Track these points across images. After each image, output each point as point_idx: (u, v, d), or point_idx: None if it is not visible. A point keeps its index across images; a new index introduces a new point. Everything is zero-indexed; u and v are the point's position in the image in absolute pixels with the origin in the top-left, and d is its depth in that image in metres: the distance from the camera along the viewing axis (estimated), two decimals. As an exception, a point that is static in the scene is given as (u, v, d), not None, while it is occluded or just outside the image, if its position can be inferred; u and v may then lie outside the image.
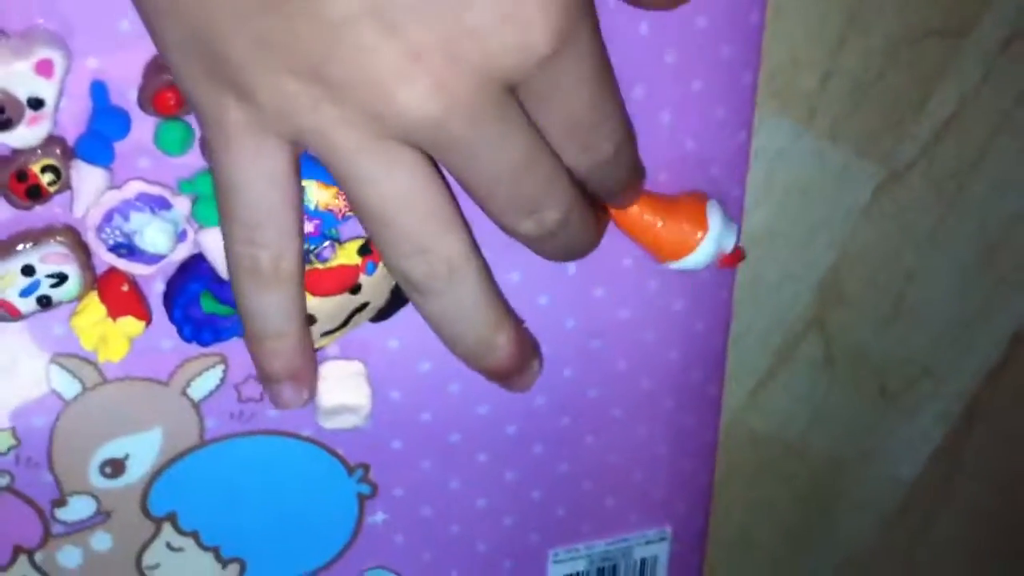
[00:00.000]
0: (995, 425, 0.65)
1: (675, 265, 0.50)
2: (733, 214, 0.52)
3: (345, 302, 0.45)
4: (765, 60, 0.51)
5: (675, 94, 0.49)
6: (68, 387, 0.46)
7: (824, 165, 0.54)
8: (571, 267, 0.51)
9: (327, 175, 0.42)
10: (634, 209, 0.48)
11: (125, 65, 0.41)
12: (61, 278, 0.42)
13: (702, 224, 0.49)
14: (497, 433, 0.54)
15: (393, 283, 0.46)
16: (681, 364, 0.55)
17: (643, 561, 0.59)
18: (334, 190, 0.43)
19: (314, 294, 0.44)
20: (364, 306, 0.46)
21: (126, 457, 0.48)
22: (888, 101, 0.54)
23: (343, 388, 0.48)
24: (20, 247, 0.42)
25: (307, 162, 0.41)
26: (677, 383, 0.55)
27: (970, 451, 0.66)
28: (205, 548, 0.51)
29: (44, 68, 0.39)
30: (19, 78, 0.39)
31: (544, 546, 0.58)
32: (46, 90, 0.39)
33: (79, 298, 0.43)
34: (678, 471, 0.58)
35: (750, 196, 0.53)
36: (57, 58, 0.39)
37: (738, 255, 0.51)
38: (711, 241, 0.49)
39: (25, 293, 0.42)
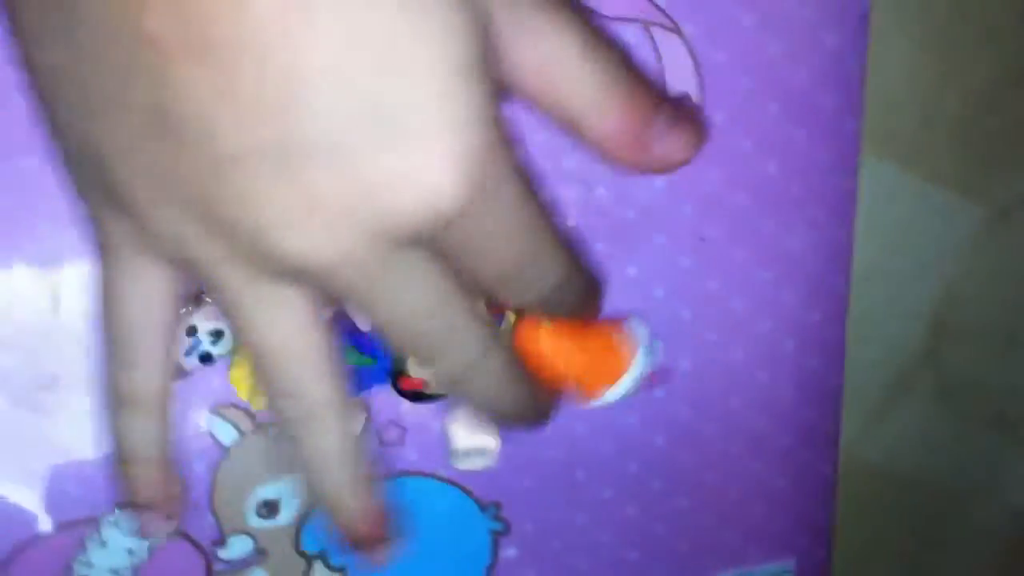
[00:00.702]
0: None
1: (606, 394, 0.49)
2: (840, 256, 0.55)
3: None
4: (867, 105, 0.53)
5: (780, 142, 0.52)
6: (226, 435, 0.50)
7: (928, 205, 0.56)
8: (686, 312, 0.53)
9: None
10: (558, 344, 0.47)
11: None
12: (218, 334, 0.46)
13: (625, 355, 0.49)
14: (620, 470, 0.56)
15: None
16: (796, 401, 0.57)
17: (768, 593, 0.61)
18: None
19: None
20: (493, 353, 0.49)
21: (279, 499, 0.52)
22: (989, 142, 0.56)
23: (473, 432, 0.51)
24: (184, 310, 0.46)
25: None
26: (793, 420, 0.57)
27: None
28: (353, 583, 0.55)
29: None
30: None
31: (669, 579, 0.60)
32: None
33: (234, 352, 0.47)
34: (799, 506, 0.60)
35: (857, 236, 0.55)
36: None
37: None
38: (636, 368, 0.49)
39: (190, 352, 0.46)
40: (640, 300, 0.53)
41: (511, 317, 0.48)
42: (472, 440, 0.52)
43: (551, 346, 0.46)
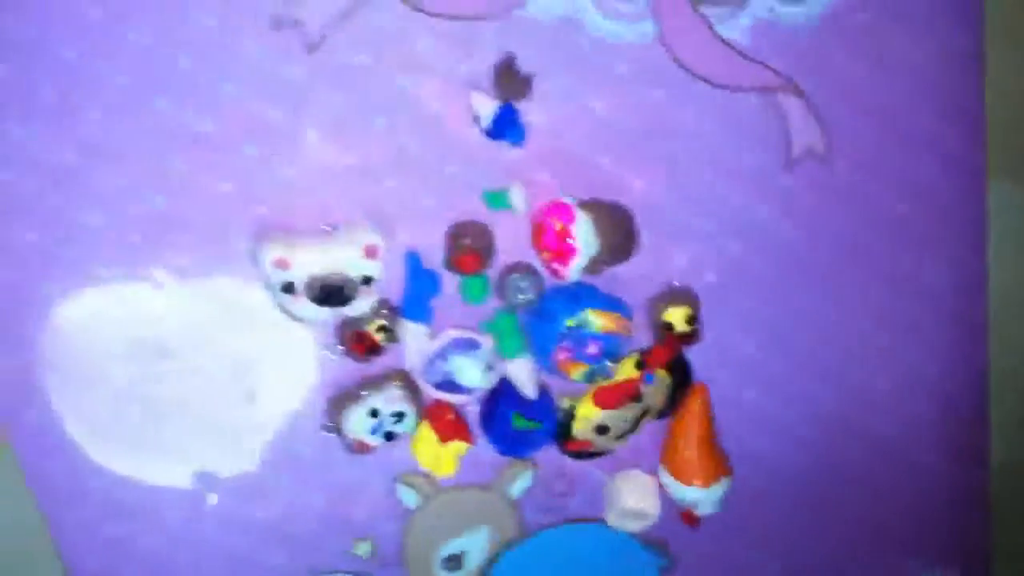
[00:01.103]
0: None
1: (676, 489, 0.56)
2: (976, 284, 0.57)
3: (631, 410, 0.52)
4: (995, 136, 0.55)
5: (908, 183, 0.54)
6: (411, 499, 0.55)
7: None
8: (830, 352, 0.56)
9: (603, 302, 0.50)
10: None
11: (430, 235, 0.50)
12: (400, 415, 0.51)
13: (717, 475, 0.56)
14: (774, 501, 0.59)
15: (669, 385, 0.53)
16: (941, 422, 0.59)
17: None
18: (612, 315, 0.50)
19: (603, 408, 0.52)
20: (647, 411, 0.53)
21: (463, 553, 0.56)
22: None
23: (639, 496, 0.55)
24: (365, 393, 0.51)
25: (585, 290, 0.49)
26: (942, 441, 0.60)
27: None
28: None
29: (371, 252, 0.48)
30: (352, 262, 0.48)
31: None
32: (374, 269, 0.48)
33: (413, 425, 0.52)
34: (954, 521, 0.62)
35: (991, 265, 0.57)
36: (379, 241, 0.48)
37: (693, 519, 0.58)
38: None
39: (373, 431, 0.51)
40: (787, 345, 0.56)
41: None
42: (636, 503, 0.56)
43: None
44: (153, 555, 0.53)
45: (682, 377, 0.54)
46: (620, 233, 0.50)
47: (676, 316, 0.52)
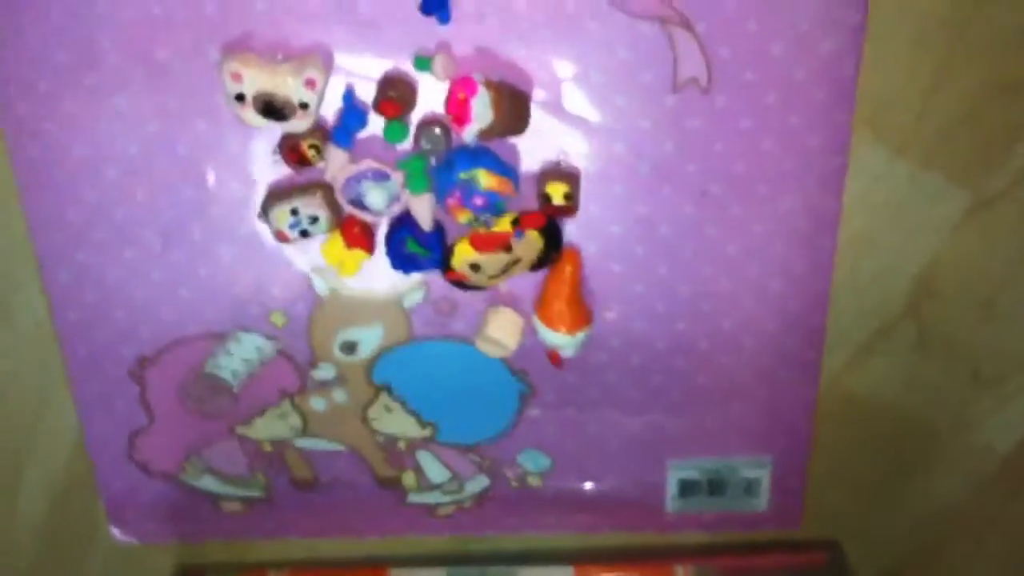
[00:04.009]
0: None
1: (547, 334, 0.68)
2: (828, 219, 0.66)
3: (502, 258, 0.64)
4: (865, 98, 0.64)
5: (776, 126, 0.64)
6: (322, 288, 0.68)
7: (917, 188, 0.67)
8: (687, 250, 0.67)
9: (496, 166, 0.61)
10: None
11: (366, 81, 0.62)
12: (316, 219, 0.64)
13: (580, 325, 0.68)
14: (628, 364, 0.71)
15: (541, 249, 0.65)
16: (777, 330, 0.70)
17: (749, 480, 0.75)
18: (500, 178, 0.62)
19: (476, 249, 0.64)
20: (517, 261, 0.65)
21: (358, 341, 0.70)
22: (978, 139, 0.65)
23: (499, 327, 0.68)
24: (291, 194, 0.64)
25: (479, 152, 0.60)
26: (774, 346, 0.70)
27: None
28: (409, 412, 0.73)
29: (310, 83, 0.60)
30: (293, 88, 0.60)
31: (664, 455, 0.75)
32: (310, 98, 0.60)
33: (327, 233, 0.65)
34: (780, 415, 0.73)
35: (847, 208, 0.67)
36: (319, 77, 0.60)
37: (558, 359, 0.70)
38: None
39: (292, 227, 0.64)
40: (648, 240, 0.67)
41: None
42: (500, 335, 0.68)
43: None
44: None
45: (555, 243, 0.66)
46: (514, 114, 0.61)
47: (555, 190, 0.64)
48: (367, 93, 0.62)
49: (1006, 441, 0.76)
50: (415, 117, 0.63)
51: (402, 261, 0.66)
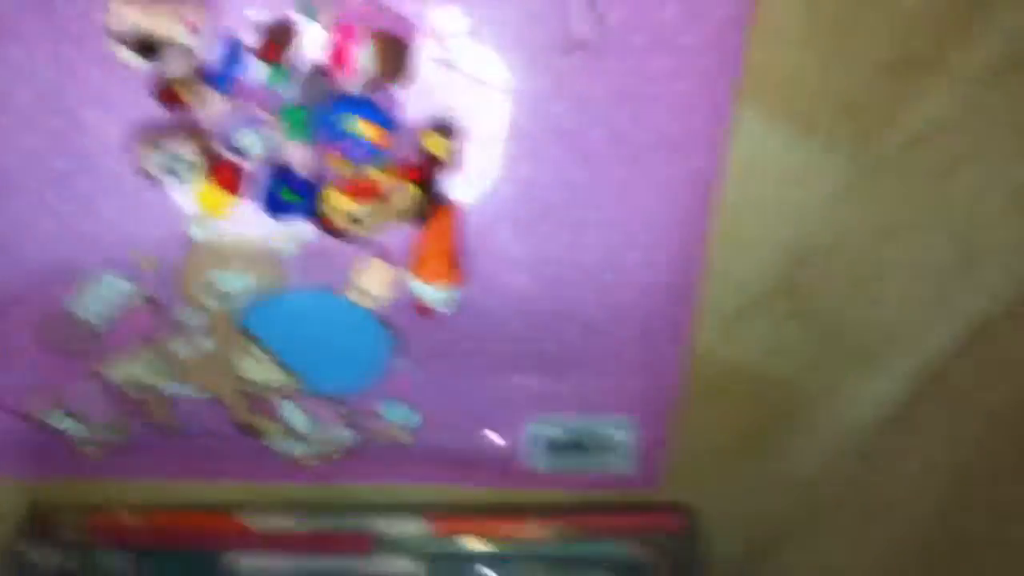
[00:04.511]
0: (951, 394, 0.78)
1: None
2: (708, 190, 0.67)
3: (379, 209, 0.63)
4: (752, 67, 0.64)
5: (662, 90, 0.64)
6: (195, 233, 0.66)
7: (796, 157, 0.67)
8: (557, 197, 0.67)
9: (375, 116, 0.60)
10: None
11: (249, 27, 0.60)
12: (189, 162, 0.62)
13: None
14: (495, 322, 0.71)
15: (420, 201, 0.64)
16: (640, 296, 0.71)
17: (613, 441, 0.76)
18: (379, 128, 0.61)
19: (350, 198, 0.63)
20: (394, 213, 0.64)
21: (228, 289, 0.68)
22: (861, 111, 0.66)
23: (377, 283, 0.67)
24: (165, 135, 0.62)
25: (364, 103, 0.59)
26: (638, 311, 0.71)
27: (927, 408, 0.78)
28: (276, 361, 0.72)
29: (191, 27, 0.58)
30: (172, 30, 0.58)
31: (531, 413, 0.76)
32: (190, 40, 0.58)
33: (202, 177, 0.63)
34: (647, 378, 0.74)
35: (729, 176, 0.67)
36: (199, 19, 0.58)
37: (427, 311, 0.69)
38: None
39: (164, 169, 0.62)
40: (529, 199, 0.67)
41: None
42: (371, 287, 0.68)
43: None
44: None
45: (434, 197, 0.65)
46: (396, 66, 0.60)
47: (436, 144, 0.63)
48: (249, 38, 0.61)
49: (871, 413, 0.78)
50: (300, 66, 0.62)
51: (275, 207, 0.65)
